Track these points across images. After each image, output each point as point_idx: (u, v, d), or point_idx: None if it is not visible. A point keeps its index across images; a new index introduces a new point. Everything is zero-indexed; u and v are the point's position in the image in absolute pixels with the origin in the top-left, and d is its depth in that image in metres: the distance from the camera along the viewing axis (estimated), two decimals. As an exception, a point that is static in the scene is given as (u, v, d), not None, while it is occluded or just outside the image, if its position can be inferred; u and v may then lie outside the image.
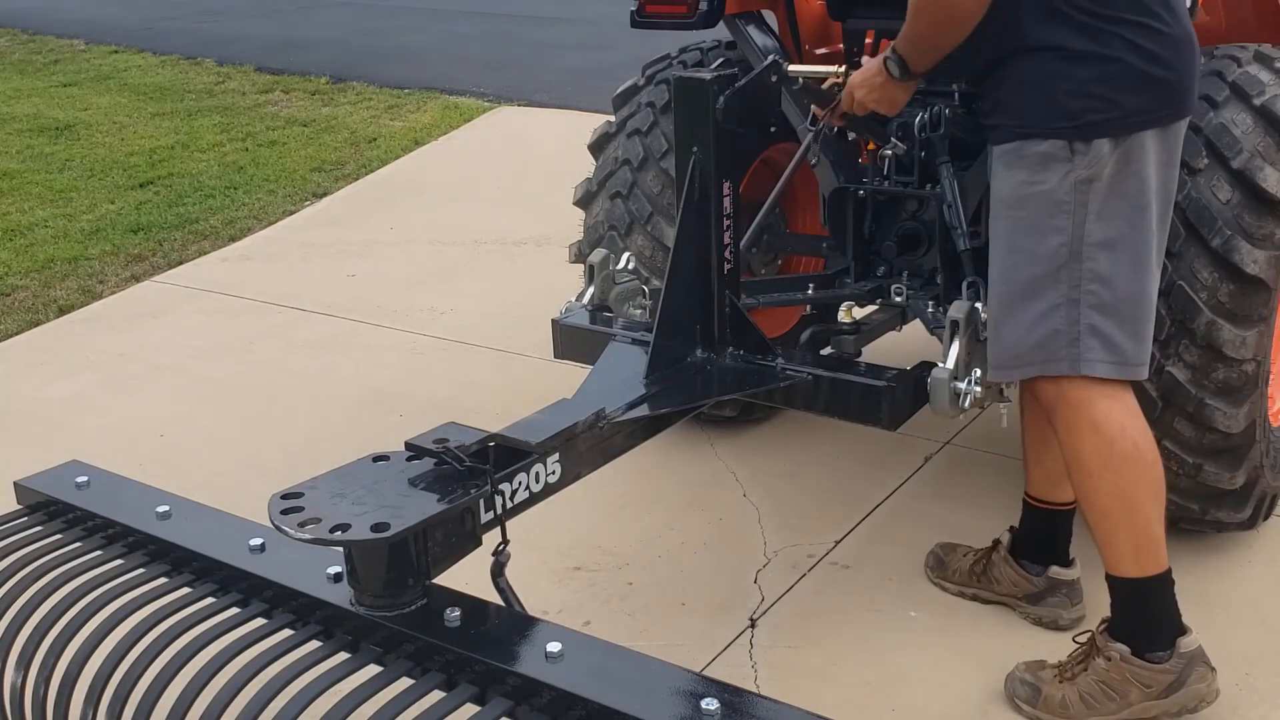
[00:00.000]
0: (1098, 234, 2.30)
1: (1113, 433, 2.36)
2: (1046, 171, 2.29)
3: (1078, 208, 2.29)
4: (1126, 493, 2.38)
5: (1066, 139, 2.26)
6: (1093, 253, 2.30)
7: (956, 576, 2.97)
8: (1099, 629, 2.52)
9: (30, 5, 14.29)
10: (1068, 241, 2.30)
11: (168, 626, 1.99)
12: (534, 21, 12.26)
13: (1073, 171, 2.27)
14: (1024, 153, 2.31)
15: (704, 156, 2.62)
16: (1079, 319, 2.33)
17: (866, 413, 2.67)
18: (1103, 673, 2.47)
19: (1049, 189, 2.29)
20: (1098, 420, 2.36)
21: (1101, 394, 2.36)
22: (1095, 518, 2.43)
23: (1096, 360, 2.34)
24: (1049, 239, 2.31)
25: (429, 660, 1.87)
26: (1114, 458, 2.36)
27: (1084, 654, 2.52)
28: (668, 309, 2.62)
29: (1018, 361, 2.41)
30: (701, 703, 1.68)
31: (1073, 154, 2.27)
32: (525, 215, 6.03)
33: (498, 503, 2.09)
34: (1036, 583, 2.85)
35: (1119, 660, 2.45)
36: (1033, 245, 2.33)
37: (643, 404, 2.47)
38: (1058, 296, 2.33)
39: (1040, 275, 2.33)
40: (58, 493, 2.35)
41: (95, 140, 8.12)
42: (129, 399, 4.32)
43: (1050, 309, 2.34)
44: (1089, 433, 2.36)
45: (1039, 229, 2.32)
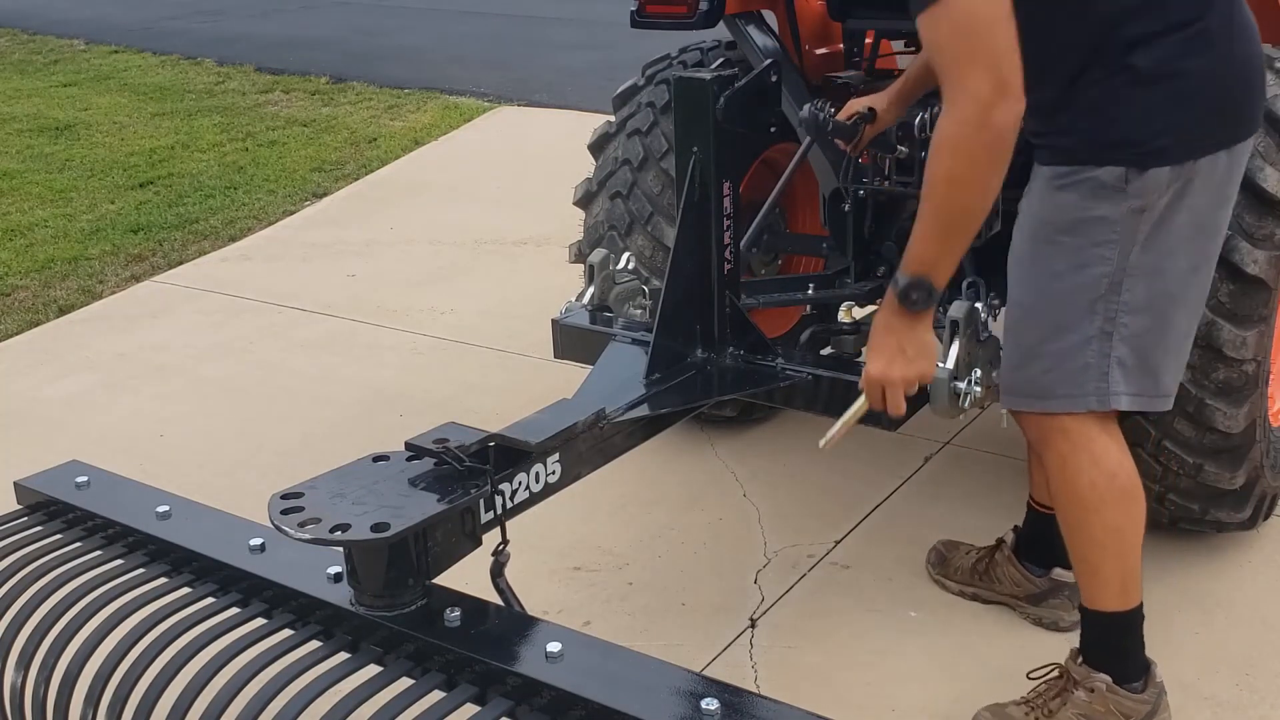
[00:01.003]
0: (1142, 265, 2.20)
1: (1112, 467, 2.32)
2: (1100, 199, 2.16)
3: (1126, 238, 2.17)
4: (1121, 527, 2.35)
5: (1126, 166, 2.14)
6: (1133, 284, 2.21)
7: (958, 575, 2.97)
8: (1073, 660, 2.48)
9: (30, 5, 14.29)
10: (1111, 272, 2.19)
11: (168, 626, 1.99)
12: (534, 21, 12.26)
13: (1127, 200, 2.15)
14: (1079, 177, 2.18)
15: (704, 156, 2.62)
16: (1110, 352, 2.24)
17: (867, 413, 2.66)
18: (1084, 705, 2.43)
19: (1101, 216, 2.17)
20: (1097, 455, 2.31)
21: (1100, 429, 2.31)
22: (1086, 551, 2.39)
23: (1122, 393, 2.27)
24: (1092, 268, 2.20)
25: (429, 660, 1.87)
26: (1112, 492, 2.32)
27: (1060, 687, 2.47)
28: (668, 309, 2.62)
29: (1042, 393, 2.30)
30: (701, 703, 1.68)
31: (1127, 181, 2.14)
32: (525, 215, 6.03)
33: (498, 503, 2.09)
34: (1039, 583, 2.85)
35: (1104, 691, 2.42)
36: (1074, 273, 2.21)
37: (643, 404, 2.47)
38: (1092, 329, 2.23)
39: (1077, 305, 2.23)
40: (58, 493, 2.35)
41: (95, 140, 8.12)
42: (129, 399, 4.32)
43: (1083, 342, 2.24)
44: (1088, 467, 2.31)
45: (1083, 257, 2.20)
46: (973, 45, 2.01)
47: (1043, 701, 2.47)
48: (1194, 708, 2.59)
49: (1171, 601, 2.91)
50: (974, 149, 2.04)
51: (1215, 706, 2.59)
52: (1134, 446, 2.75)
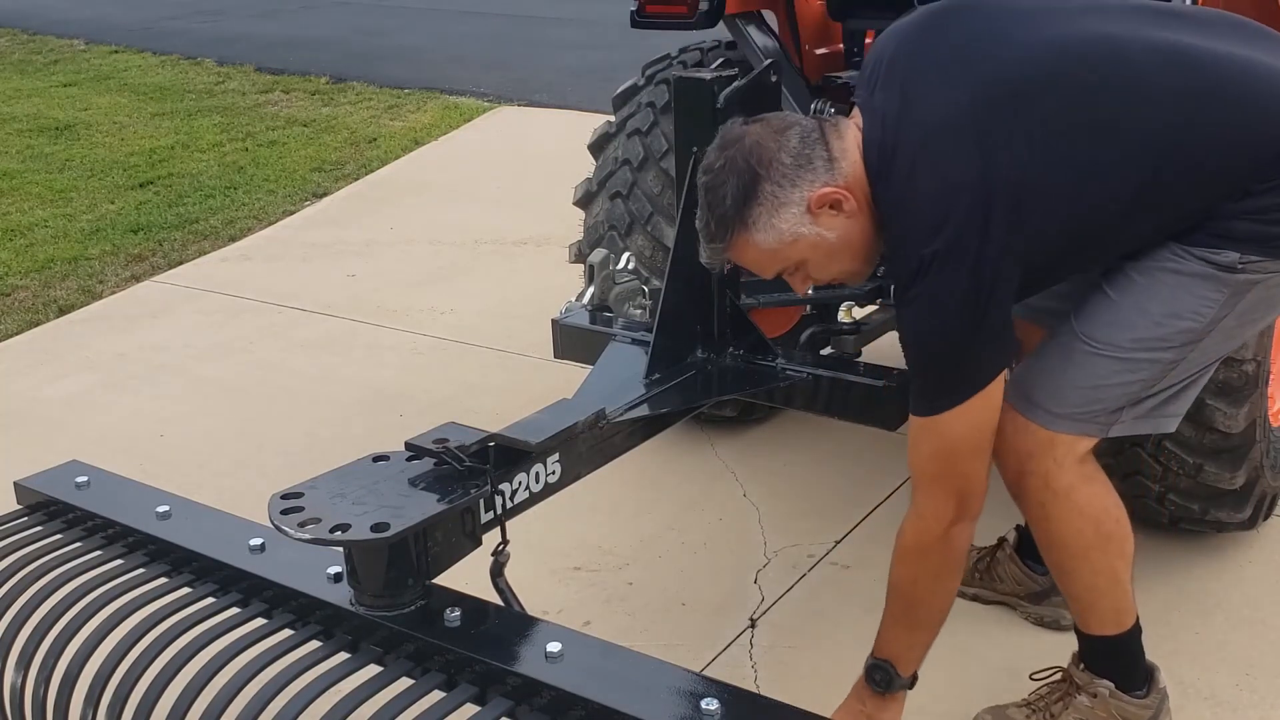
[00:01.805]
0: (1225, 327, 2.14)
1: (1097, 514, 2.28)
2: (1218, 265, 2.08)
3: (1230, 300, 2.10)
4: (1111, 567, 2.33)
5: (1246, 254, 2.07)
6: (1209, 342, 2.15)
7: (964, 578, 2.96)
8: (1076, 665, 2.47)
9: (30, 5, 14.29)
10: (1197, 330, 2.12)
11: (168, 627, 1.99)
12: (534, 21, 12.26)
13: (1244, 274, 2.08)
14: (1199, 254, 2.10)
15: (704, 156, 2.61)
16: (1143, 395, 2.19)
17: (866, 413, 2.67)
18: (1086, 710, 2.43)
19: (1213, 275, 2.08)
20: (1081, 504, 2.27)
21: (1082, 477, 2.26)
22: (1078, 590, 2.38)
23: (1125, 421, 2.23)
24: (1183, 320, 2.11)
25: (429, 660, 1.87)
26: (1100, 538, 2.30)
27: (1063, 691, 2.47)
28: (668, 309, 2.62)
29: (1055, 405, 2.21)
30: (701, 703, 1.69)
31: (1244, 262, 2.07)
32: (525, 215, 6.03)
33: (498, 503, 2.09)
34: (1041, 582, 2.84)
35: (1107, 696, 2.42)
36: (1164, 315, 2.12)
37: (643, 404, 2.47)
38: (1146, 374, 2.16)
39: (1146, 348, 2.14)
40: (58, 493, 2.35)
41: (95, 140, 8.12)
42: (129, 399, 4.32)
43: (1129, 383, 2.17)
44: (1074, 517, 2.27)
45: (1179, 307, 2.11)
46: (949, 469, 2.12)
47: (1045, 705, 2.47)
48: (1194, 708, 2.59)
49: (1171, 601, 2.91)
50: (933, 560, 2.20)
51: (1215, 706, 2.59)
52: (1134, 446, 2.77)
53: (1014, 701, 2.51)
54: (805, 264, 2.14)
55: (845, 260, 2.15)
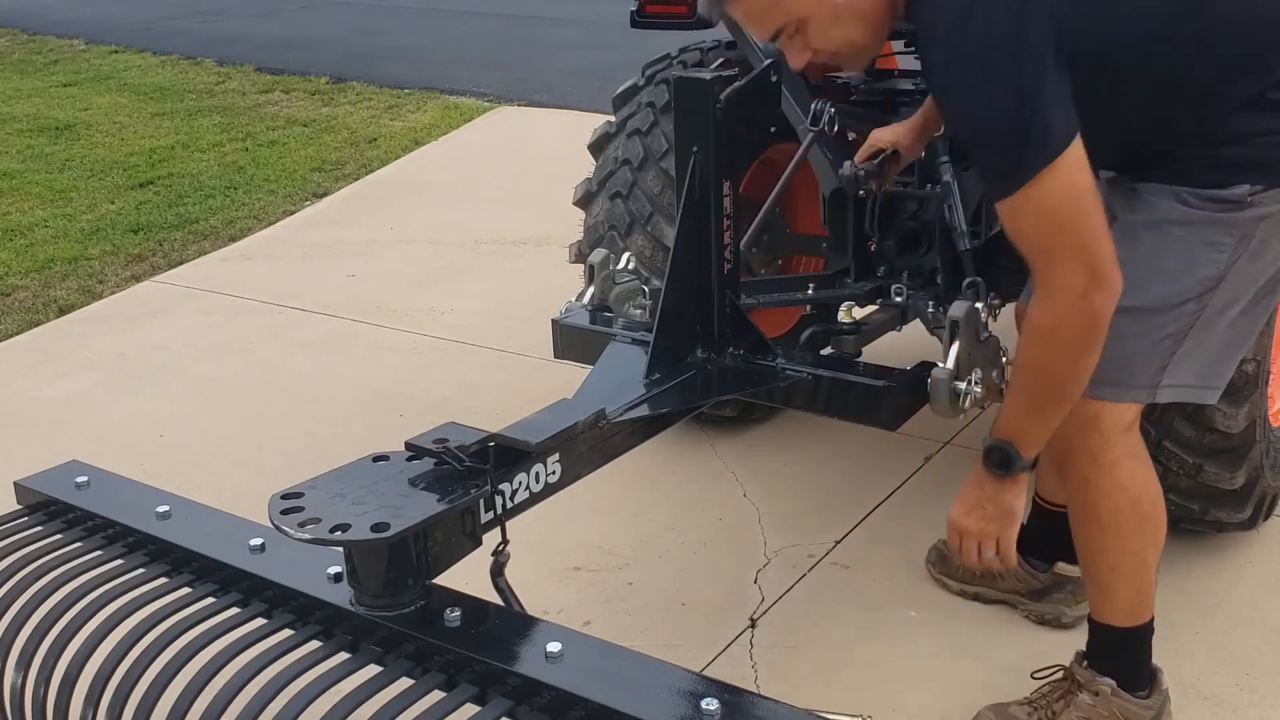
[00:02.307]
0: (1242, 273, 2.17)
1: (1136, 492, 2.29)
2: (1225, 206, 2.12)
3: (1241, 241, 2.14)
4: (1141, 551, 2.33)
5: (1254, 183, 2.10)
6: (1226, 288, 2.18)
7: (959, 574, 2.96)
8: (1078, 663, 2.48)
9: (30, 5, 14.29)
10: (1215, 275, 2.16)
11: (168, 627, 1.99)
12: (534, 21, 12.26)
13: (1252, 209, 2.11)
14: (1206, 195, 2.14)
15: (704, 156, 2.61)
16: (1177, 349, 2.21)
17: (866, 413, 2.66)
18: (1088, 708, 2.43)
19: (1221, 219, 2.12)
20: (1122, 480, 2.28)
21: (1127, 452, 2.27)
22: (1101, 571, 2.37)
23: (1168, 386, 2.24)
24: (1199, 269, 2.15)
25: (429, 660, 1.87)
26: (1135, 518, 2.30)
27: (1065, 689, 2.47)
28: (668, 309, 2.62)
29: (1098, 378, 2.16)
30: (701, 703, 1.68)
31: (1252, 195, 2.11)
32: (525, 215, 6.03)
33: (498, 503, 2.09)
34: (1041, 579, 2.84)
35: (1108, 695, 2.42)
36: (1181, 270, 2.16)
37: (643, 404, 2.47)
38: (1174, 328, 2.19)
39: (1169, 302, 2.18)
40: (58, 493, 2.35)
41: (95, 140, 8.12)
42: (129, 399, 4.32)
43: (1163, 338, 2.20)
44: (1113, 492, 2.28)
45: (1194, 257, 2.15)
46: (1060, 238, 1.98)
47: (1046, 703, 2.47)
48: (1194, 708, 2.59)
49: (1171, 601, 2.90)
50: (1069, 340, 2.04)
51: (1215, 706, 2.59)
52: (1134, 446, 2.76)
53: (1016, 700, 2.51)
54: (806, 25, 2.08)
55: (851, 27, 2.08)
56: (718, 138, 2.60)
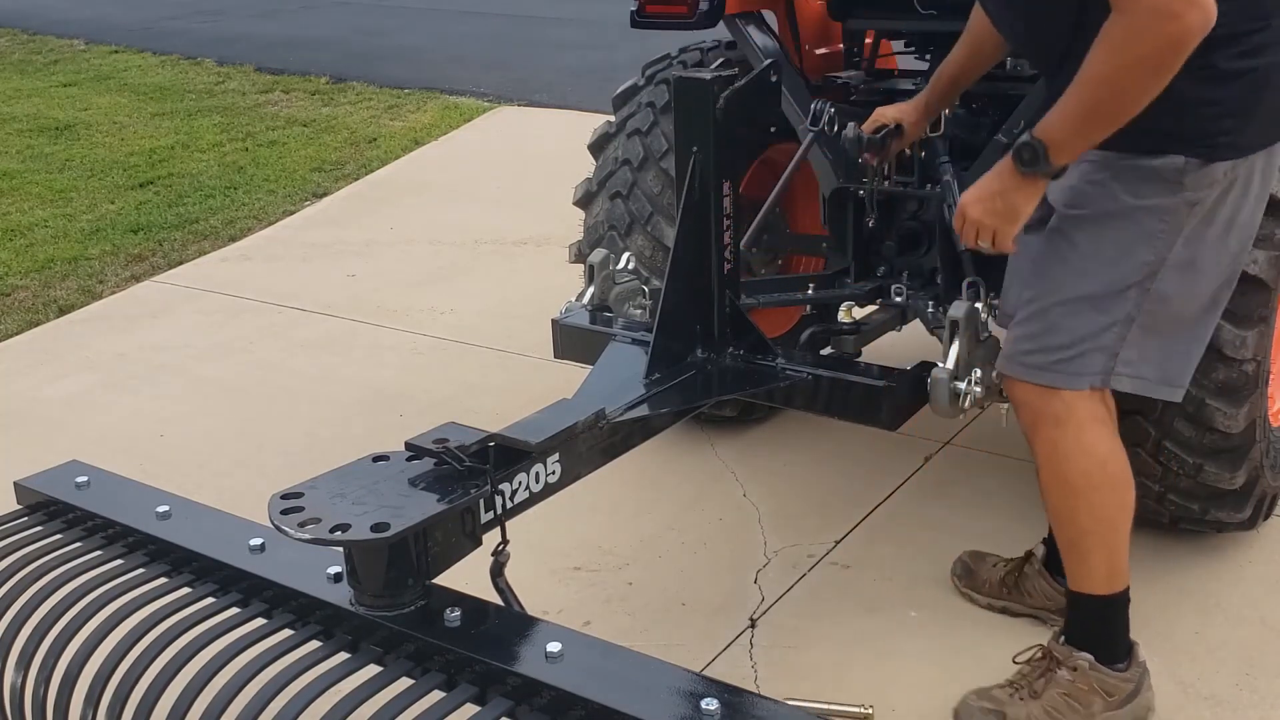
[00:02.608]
0: (1180, 257, 2.23)
1: (1103, 455, 2.35)
2: (1155, 188, 2.19)
3: (1174, 230, 2.21)
4: (1111, 515, 2.39)
5: (1185, 156, 2.16)
6: (1167, 274, 2.24)
7: (987, 588, 2.92)
8: (1056, 641, 2.51)
9: (30, 5, 14.30)
10: (1152, 261, 2.23)
11: (168, 627, 1.99)
12: (533, 21, 12.26)
13: (1183, 193, 2.18)
14: (1136, 164, 2.20)
15: (704, 156, 2.61)
16: (1126, 335, 2.28)
17: (866, 413, 2.67)
18: (1068, 684, 2.45)
19: (1154, 205, 2.20)
20: (1088, 443, 2.33)
21: (1092, 415, 2.33)
22: (1073, 536, 2.42)
23: (1125, 375, 2.31)
24: (1137, 254, 2.23)
25: (429, 660, 1.87)
26: (1104, 480, 2.36)
27: (1044, 668, 2.50)
28: (668, 309, 2.62)
29: (1049, 366, 2.31)
30: (701, 703, 1.68)
31: (1184, 174, 2.17)
32: (525, 215, 6.03)
33: (498, 503, 2.09)
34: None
35: (1086, 669, 2.45)
36: (1117, 257, 2.24)
37: (643, 404, 2.47)
38: (1120, 313, 2.26)
39: (1113, 289, 2.26)
40: (58, 493, 2.35)
41: (95, 140, 8.12)
42: (129, 399, 4.32)
43: (1109, 325, 2.27)
44: (1079, 455, 2.34)
45: (1130, 243, 2.23)
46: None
47: (1027, 682, 2.50)
48: (1194, 708, 2.59)
49: (1171, 601, 2.91)
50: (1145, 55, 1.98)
51: (1215, 706, 2.59)
52: (1134, 446, 2.75)
53: (998, 683, 2.54)
54: None
55: None
56: (718, 138, 2.60)
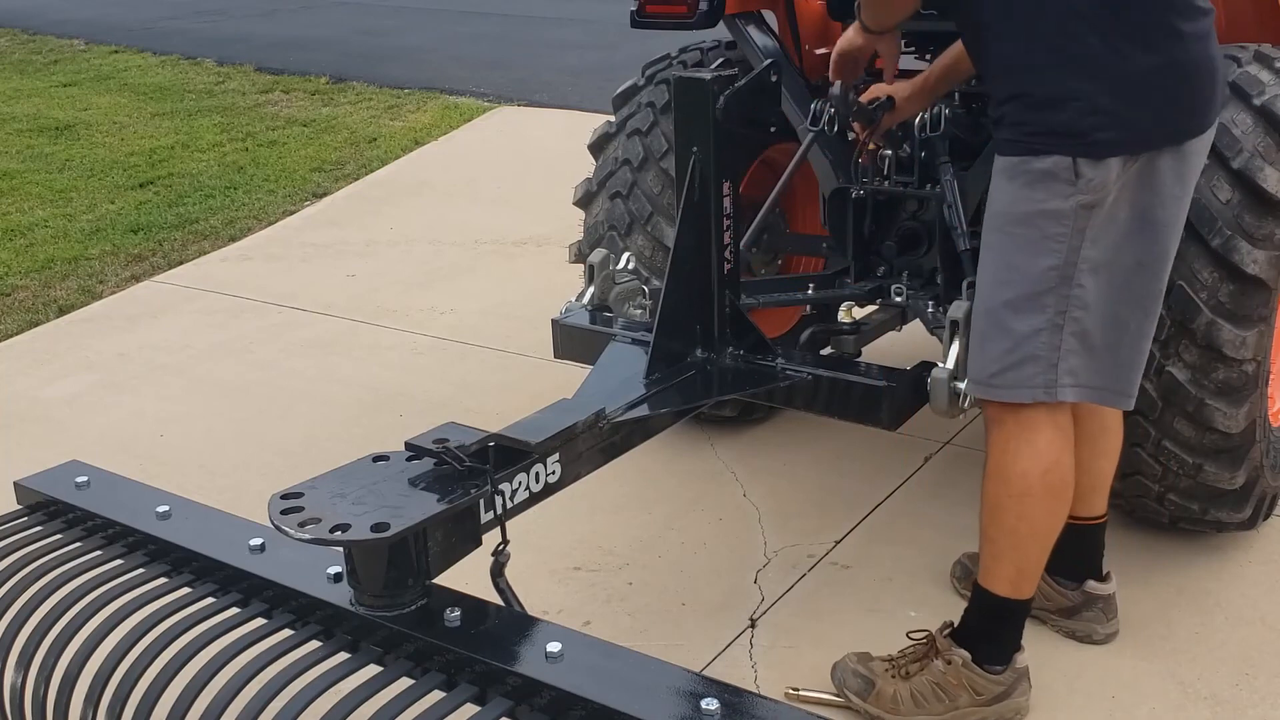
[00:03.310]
0: (1091, 260, 2.24)
1: (1048, 463, 2.35)
2: (1048, 191, 2.21)
3: (1075, 232, 2.21)
4: (1038, 523, 2.39)
5: (1072, 156, 2.18)
6: (1083, 278, 2.24)
7: None
8: (941, 631, 2.54)
9: (30, 5, 14.30)
10: (1060, 265, 2.23)
11: (168, 626, 1.99)
12: (534, 21, 12.26)
13: (1075, 194, 2.19)
14: (1027, 168, 2.23)
15: (704, 156, 2.61)
16: (1059, 344, 2.28)
17: (866, 413, 2.67)
18: (939, 674, 2.50)
19: (1051, 209, 2.21)
20: (1040, 448, 2.34)
21: (1049, 421, 2.34)
22: (996, 533, 2.43)
23: (1071, 386, 2.31)
24: (1041, 259, 2.24)
25: (429, 660, 1.87)
26: (1040, 486, 2.36)
27: (922, 653, 2.55)
28: (668, 309, 2.62)
29: (994, 381, 2.34)
30: (701, 703, 1.68)
31: (1077, 176, 2.18)
32: (525, 215, 6.03)
33: (497, 503, 2.09)
34: (1071, 597, 2.80)
35: (960, 665, 2.48)
36: (1025, 263, 2.26)
37: (643, 404, 2.47)
38: (1042, 320, 2.27)
39: (1027, 295, 2.27)
40: (58, 493, 2.35)
41: (95, 140, 8.12)
42: (129, 399, 4.32)
43: (1033, 332, 2.28)
44: (1027, 457, 2.35)
45: (1034, 248, 2.25)
46: None
47: (905, 663, 2.56)
48: (1194, 708, 2.59)
49: (1171, 601, 2.91)
50: None
51: (1215, 706, 2.59)
52: (1134, 446, 2.76)
53: (881, 655, 2.60)
54: None
55: None
56: (718, 138, 2.60)
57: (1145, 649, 2.75)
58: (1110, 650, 2.75)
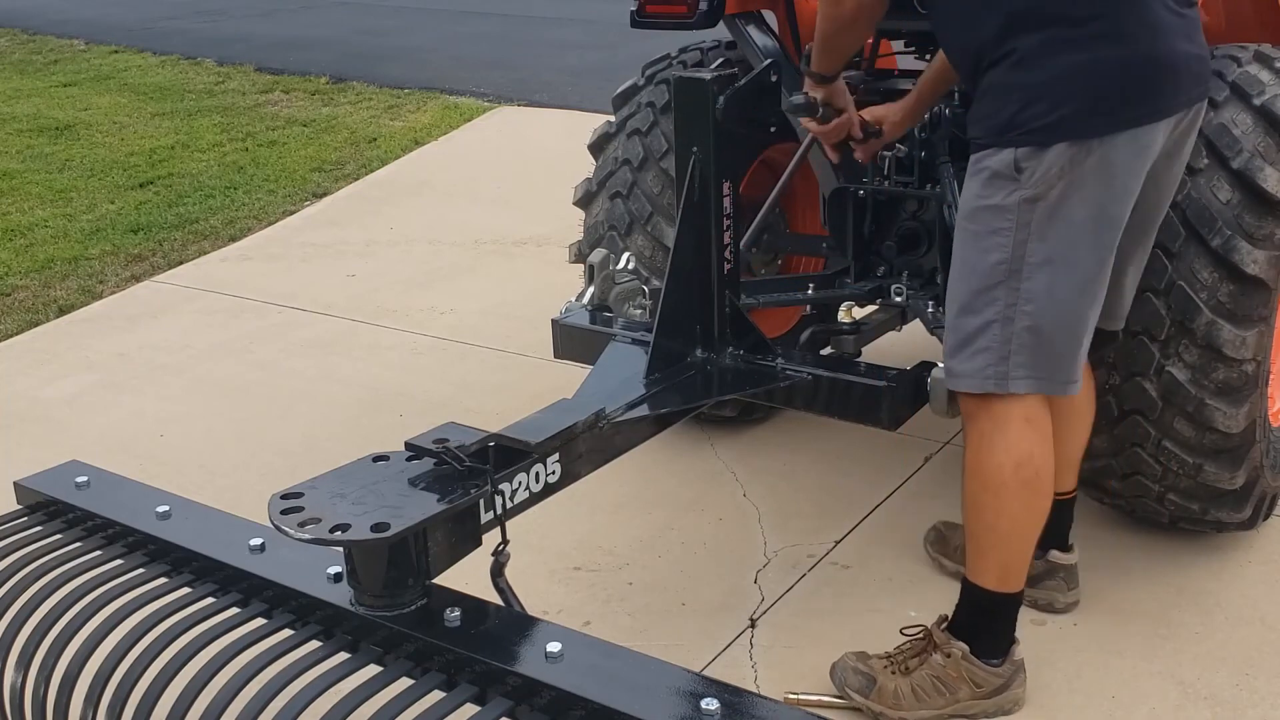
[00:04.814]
0: (1038, 254, 2.28)
1: (1020, 456, 2.38)
2: (993, 187, 2.27)
3: (1020, 227, 2.26)
4: (1016, 516, 2.42)
5: (1014, 147, 2.23)
6: (1031, 272, 2.28)
7: (956, 554, 2.98)
8: (937, 625, 2.58)
9: (30, 5, 14.30)
10: (1007, 260, 2.28)
11: (168, 626, 1.99)
12: (534, 21, 12.26)
13: (1018, 190, 2.25)
14: (979, 166, 2.30)
15: (704, 156, 2.62)
16: (1010, 338, 2.32)
17: (866, 413, 2.67)
18: (939, 668, 2.53)
19: (994, 204, 2.28)
20: (1011, 441, 2.38)
21: (1020, 416, 2.37)
22: (978, 528, 2.47)
23: (1022, 378, 2.34)
24: (990, 255, 2.30)
25: (429, 660, 1.87)
26: (1016, 480, 2.39)
27: (920, 648, 2.58)
28: (668, 309, 2.62)
29: (953, 372, 2.41)
30: (701, 703, 1.69)
31: (1019, 171, 2.24)
32: (525, 215, 6.03)
33: (497, 503, 2.09)
34: (1035, 566, 2.81)
35: (959, 658, 2.52)
36: (975, 259, 2.33)
37: (643, 404, 2.47)
38: (992, 314, 2.32)
39: (978, 290, 2.33)
40: (58, 493, 2.35)
41: (95, 140, 8.12)
42: (129, 399, 4.32)
43: (983, 326, 2.33)
44: (1000, 451, 2.38)
45: (982, 244, 2.31)
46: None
47: (903, 658, 2.59)
48: (1194, 708, 2.59)
49: (1171, 601, 2.91)
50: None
51: (1215, 706, 2.59)
52: (1134, 446, 2.77)
53: (878, 653, 2.62)
54: None
55: None
56: (718, 138, 2.60)
57: (1145, 649, 2.75)
58: (1110, 650, 2.75)
